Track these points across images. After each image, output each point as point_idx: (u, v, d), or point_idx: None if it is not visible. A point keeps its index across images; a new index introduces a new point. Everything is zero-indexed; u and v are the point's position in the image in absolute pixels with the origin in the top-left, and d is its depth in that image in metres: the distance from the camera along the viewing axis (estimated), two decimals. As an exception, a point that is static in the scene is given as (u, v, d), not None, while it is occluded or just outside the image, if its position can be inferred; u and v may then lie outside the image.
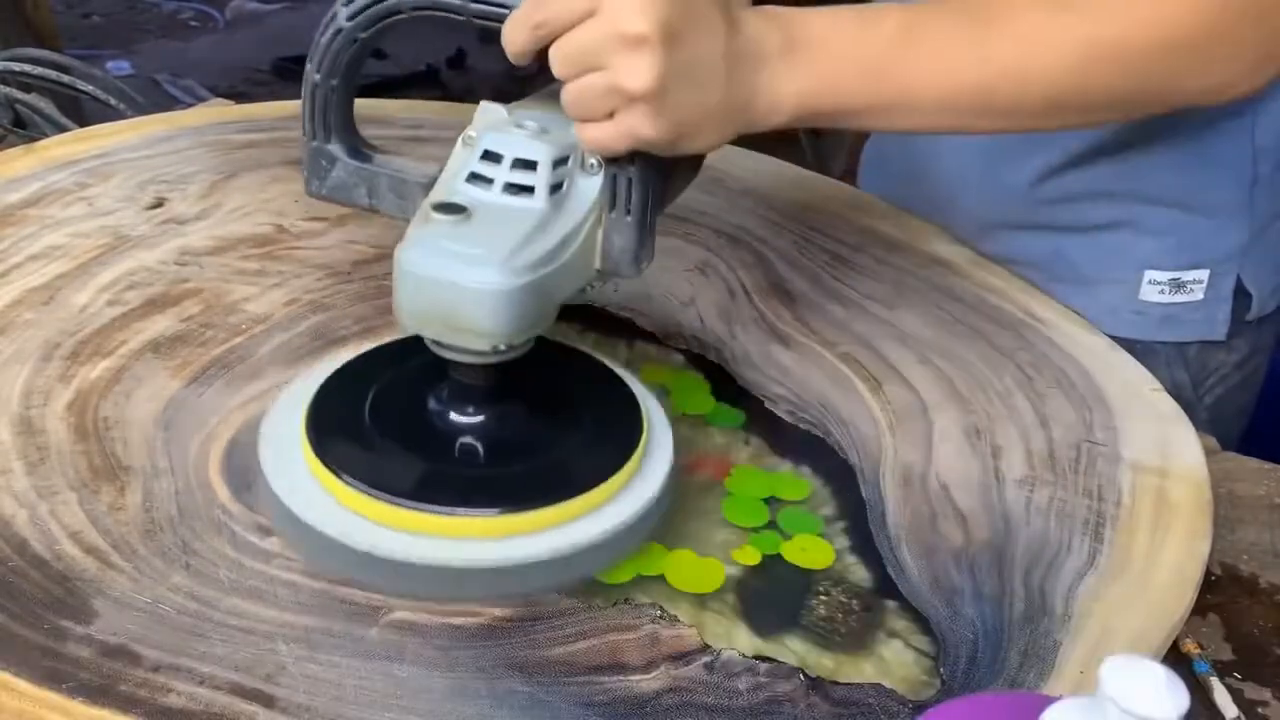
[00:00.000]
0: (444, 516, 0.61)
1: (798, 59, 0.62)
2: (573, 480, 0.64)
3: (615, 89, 0.59)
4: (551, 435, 0.68)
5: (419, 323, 0.61)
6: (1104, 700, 0.35)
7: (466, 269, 0.59)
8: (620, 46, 0.58)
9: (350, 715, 0.55)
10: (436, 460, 0.65)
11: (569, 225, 0.62)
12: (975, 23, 0.65)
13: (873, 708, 0.58)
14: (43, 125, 1.19)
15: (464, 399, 0.66)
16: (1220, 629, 0.70)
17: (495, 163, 0.62)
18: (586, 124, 0.61)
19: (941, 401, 0.81)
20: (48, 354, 0.77)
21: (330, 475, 0.62)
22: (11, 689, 0.54)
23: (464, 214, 0.61)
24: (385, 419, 0.66)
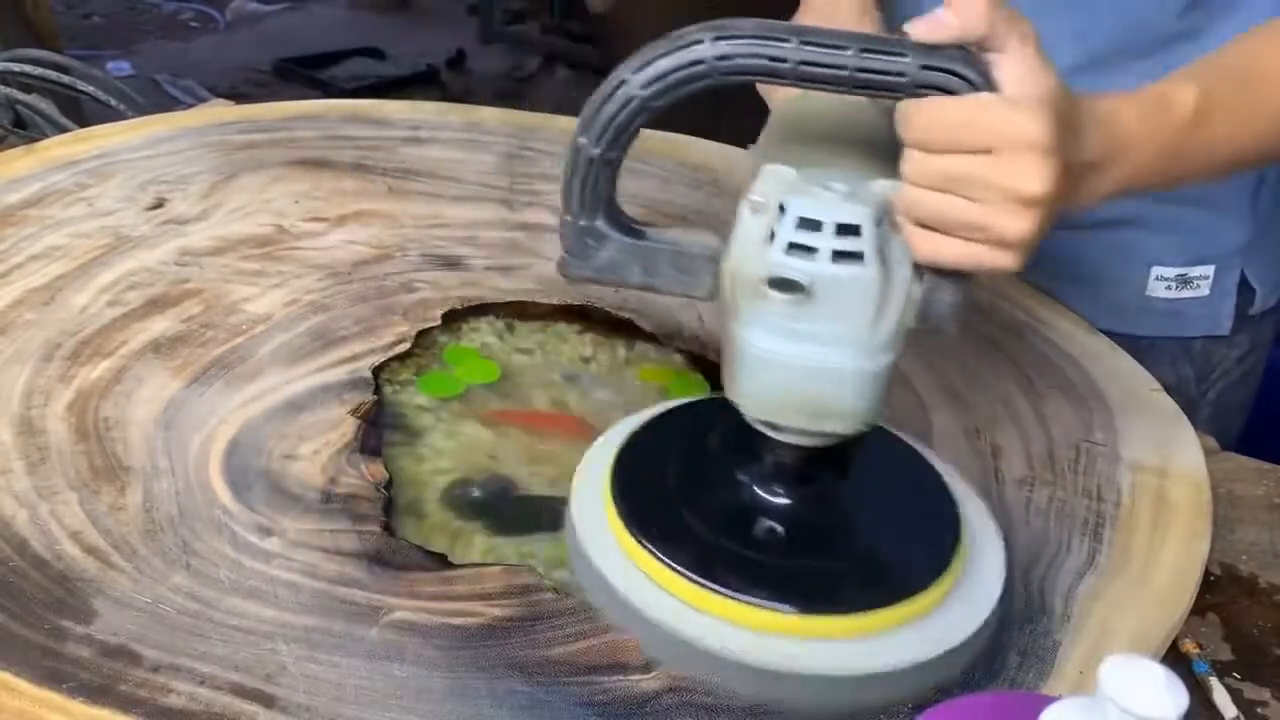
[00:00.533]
0: None
1: (1113, 164, 0.62)
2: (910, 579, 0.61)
3: (985, 228, 0.57)
4: (865, 526, 0.65)
5: (774, 410, 0.59)
6: (1103, 700, 0.35)
7: (828, 351, 0.57)
8: (1008, 199, 0.56)
9: (350, 715, 0.55)
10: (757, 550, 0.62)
11: (901, 290, 0.59)
12: (1248, 90, 0.67)
13: (872, 707, 0.58)
14: (43, 126, 1.19)
15: (779, 478, 0.63)
16: (1219, 629, 0.70)
17: (815, 231, 0.57)
18: (930, 232, 0.58)
19: (941, 401, 0.81)
20: (48, 354, 0.77)
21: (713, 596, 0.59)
22: (11, 689, 0.54)
23: (803, 291, 0.57)
24: (700, 498, 0.64)
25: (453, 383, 0.82)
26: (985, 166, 0.56)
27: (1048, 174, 0.56)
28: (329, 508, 0.67)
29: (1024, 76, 0.56)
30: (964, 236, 0.57)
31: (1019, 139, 0.55)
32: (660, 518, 0.62)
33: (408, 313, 0.85)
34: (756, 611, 0.58)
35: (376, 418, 0.76)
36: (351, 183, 1.02)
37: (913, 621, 0.60)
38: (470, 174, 1.04)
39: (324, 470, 0.70)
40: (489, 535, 0.70)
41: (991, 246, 0.57)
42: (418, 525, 0.70)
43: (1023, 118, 0.55)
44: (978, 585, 0.62)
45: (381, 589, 0.62)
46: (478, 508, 0.72)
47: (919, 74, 0.56)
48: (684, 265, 0.62)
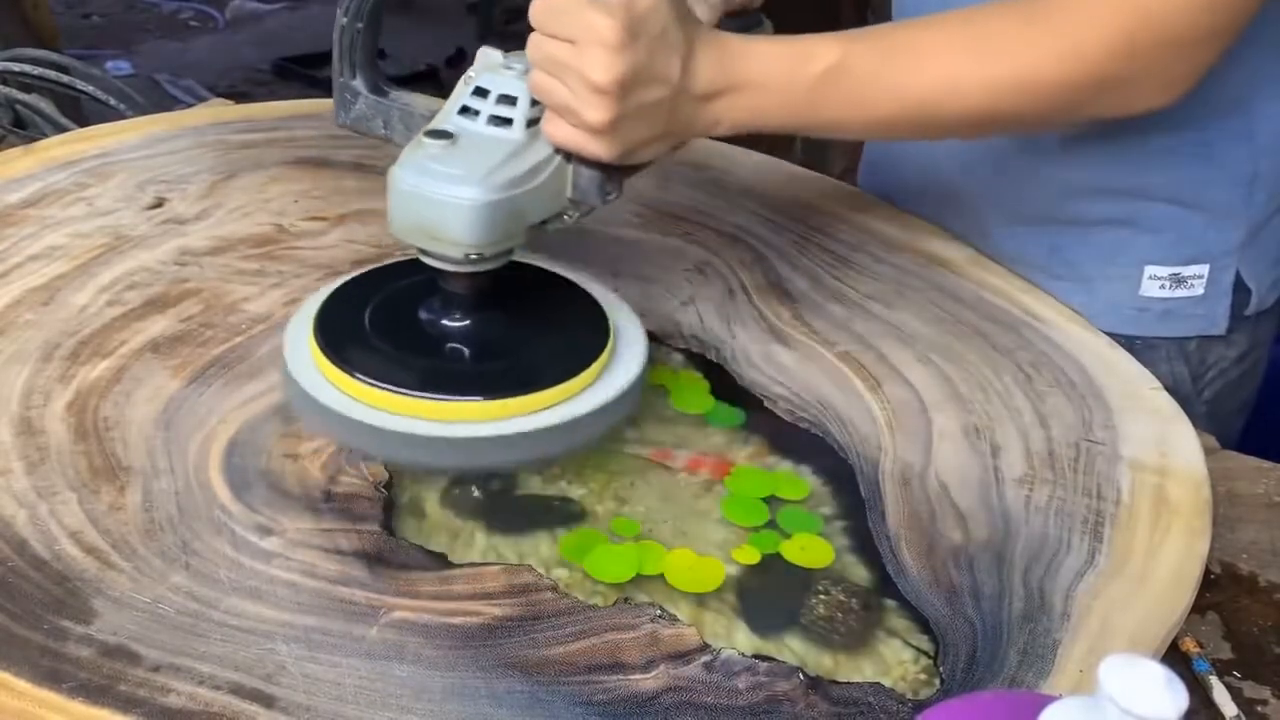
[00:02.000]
0: (439, 402, 0.69)
1: (735, 98, 0.71)
2: (544, 376, 0.71)
3: (573, 112, 0.67)
4: (527, 338, 0.75)
5: (405, 233, 0.69)
6: (1103, 699, 0.35)
7: (447, 185, 0.67)
8: (582, 85, 0.66)
9: (350, 715, 0.55)
10: (433, 358, 0.73)
11: (541, 155, 0.70)
12: (893, 65, 0.73)
13: (872, 707, 0.58)
14: (43, 125, 1.19)
15: (452, 306, 0.74)
16: (1219, 627, 0.70)
17: (482, 98, 0.71)
18: (553, 117, 0.69)
19: (941, 401, 0.81)
20: (48, 354, 0.77)
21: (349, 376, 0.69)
22: (11, 689, 0.54)
23: (450, 139, 0.69)
24: (388, 325, 0.74)
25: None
26: (567, 52, 0.67)
27: (615, 66, 0.65)
28: (329, 507, 0.67)
29: None
30: (567, 121, 0.68)
31: (591, 31, 0.66)
32: (359, 348, 0.72)
33: (407, 312, 0.85)
34: (442, 405, 0.68)
35: (376, 417, 0.76)
36: (351, 182, 1.02)
37: (563, 401, 0.71)
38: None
39: (324, 470, 0.70)
40: (489, 534, 0.70)
41: (580, 130, 0.68)
42: (417, 525, 0.70)
43: (596, 15, 0.65)
44: (619, 369, 0.74)
45: (381, 588, 0.62)
46: (477, 507, 0.72)
47: None
48: (409, 122, 0.76)
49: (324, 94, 0.91)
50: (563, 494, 0.73)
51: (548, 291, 0.79)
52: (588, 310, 0.77)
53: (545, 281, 0.80)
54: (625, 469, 0.76)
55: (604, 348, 0.73)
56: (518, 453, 0.70)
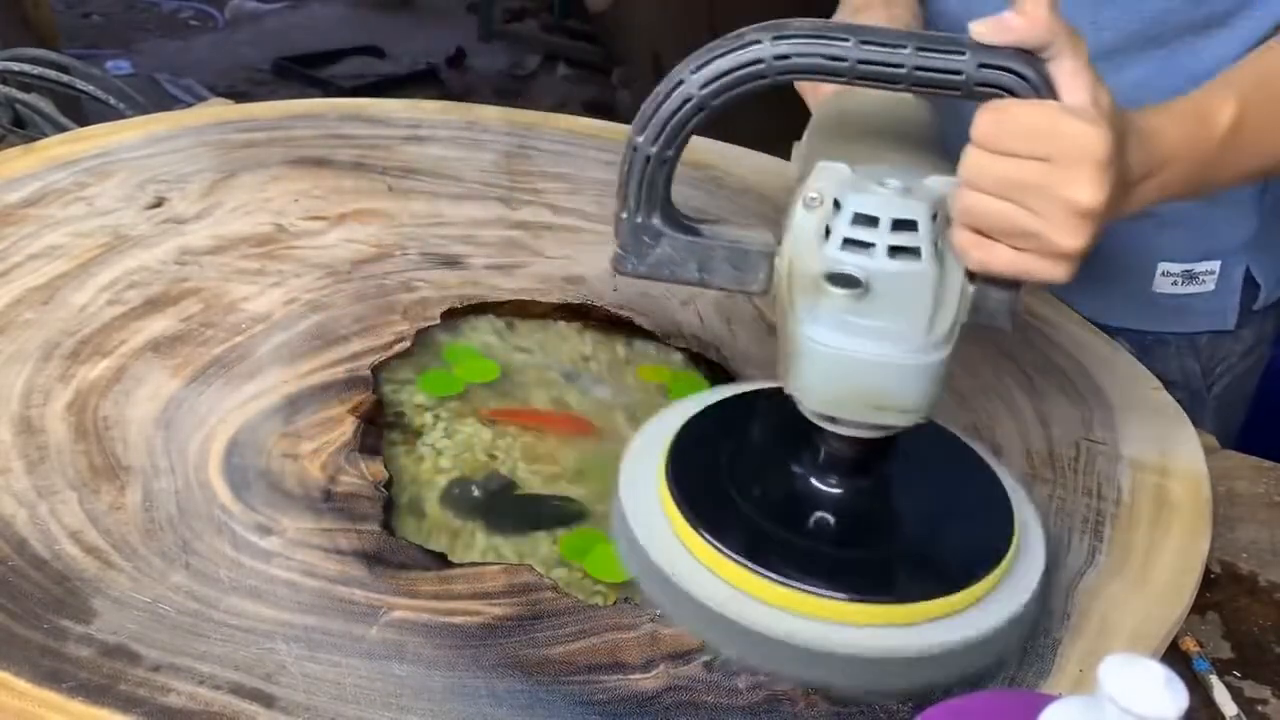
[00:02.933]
0: None
1: (1154, 180, 0.64)
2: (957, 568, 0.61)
3: (1039, 238, 0.57)
4: (921, 516, 0.65)
5: (833, 404, 0.59)
6: (1103, 699, 0.35)
7: (888, 346, 0.57)
8: (1063, 210, 0.57)
9: (350, 714, 0.55)
10: (809, 538, 0.63)
11: (956, 287, 0.60)
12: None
13: (872, 707, 0.58)
14: (43, 125, 1.19)
15: (834, 469, 0.63)
16: (1220, 627, 0.70)
17: (871, 226, 0.58)
18: (984, 241, 0.59)
19: (941, 400, 0.81)
20: (48, 353, 0.77)
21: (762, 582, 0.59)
22: (11, 688, 0.54)
23: (861, 286, 0.57)
24: (753, 486, 0.64)
25: (452, 381, 0.82)
26: (1043, 174, 0.56)
27: (1105, 187, 0.56)
28: (329, 507, 0.67)
29: (1082, 86, 0.57)
30: (1016, 246, 0.58)
31: (1080, 149, 0.56)
32: (715, 506, 0.62)
33: (407, 311, 0.85)
34: (809, 598, 0.58)
35: (376, 417, 0.76)
36: (351, 181, 1.02)
37: (961, 610, 0.60)
38: (470, 172, 1.04)
39: (324, 469, 0.70)
40: (489, 534, 0.70)
41: (1042, 257, 0.58)
42: (417, 524, 0.70)
43: (1085, 127, 0.56)
44: (1019, 579, 0.62)
45: (381, 588, 0.62)
46: (477, 506, 0.72)
47: (976, 73, 0.56)
48: (739, 261, 0.63)
49: (324, 94, 0.91)
50: (563, 494, 0.73)
51: (935, 454, 0.69)
52: (985, 485, 0.67)
53: (933, 442, 0.68)
54: (625, 468, 0.76)
55: (1009, 543, 0.62)
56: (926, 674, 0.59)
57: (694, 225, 0.64)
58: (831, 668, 0.58)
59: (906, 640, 0.58)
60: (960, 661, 0.59)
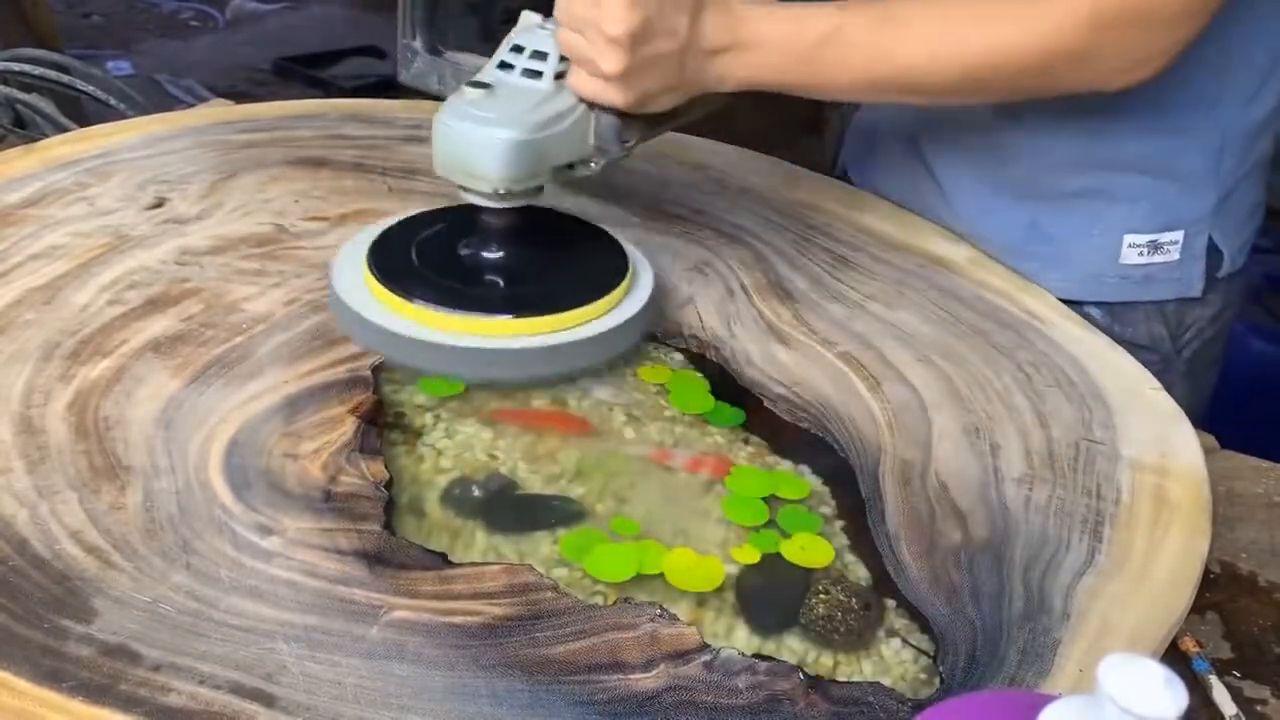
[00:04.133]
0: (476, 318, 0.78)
1: (741, 55, 0.79)
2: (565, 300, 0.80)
3: (591, 62, 0.77)
4: (553, 268, 0.84)
5: (446, 170, 0.79)
6: (1103, 699, 0.35)
7: (482, 127, 0.76)
8: (599, 37, 0.75)
9: (350, 714, 0.55)
10: (471, 283, 0.81)
11: (567, 103, 0.79)
12: (881, 34, 0.80)
13: (872, 706, 0.58)
14: (43, 125, 1.19)
15: (489, 239, 0.83)
16: (1219, 627, 0.70)
17: (518, 54, 0.80)
18: (575, 70, 0.78)
19: (940, 400, 0.81)
20: (48, 353, 0.77)
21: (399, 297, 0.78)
22: (12, 688, 0.54)
23: (489, 89, 0.78)
24: (431, 257, 0.83)
25: (452, 382, 0.82)
26: (587, 8, 0.75)
27: (627, 19, 0.74)
28: (329, 507, 0.67)
29: None
30: (586, 70, 0.77)
31: None
32: (407, 276, 0.80)
33: (407, 312, 0.85)
34: (476, 320, 0.77)
35: (376, 417, 0.76)
36: (351, 182, 1.02)
37: (594, 318, 0.80)
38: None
39: (324, 469, 0.70)
40: (489, 534, 0.70)
41: (596, 78, 0.77)
42: (418, 524, 0.70)
43: None
44: (634, 297, 0.83)
45: (381, 588, 0.62)
46: (478, 506, 0.72)
47: None
48: (461, 77, 0.86)
49: (324, 94, 0.93)
50: (563, 494, 0.73)
51: (574, 232, 0.89)
52: (610, 250, 0.86)
53: (572, 225, 0.90)
54: (625, 469, 0.76)
55: (622, 280, 0.82)
56: (540, 366, 0.79)
57: (440, 50, 0.94)
58: (492, 362, 0.78)
59: (543, 341, 0.78)
60: (582, 352, 0.80)
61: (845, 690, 0.59)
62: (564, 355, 0.79)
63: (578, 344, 0.79)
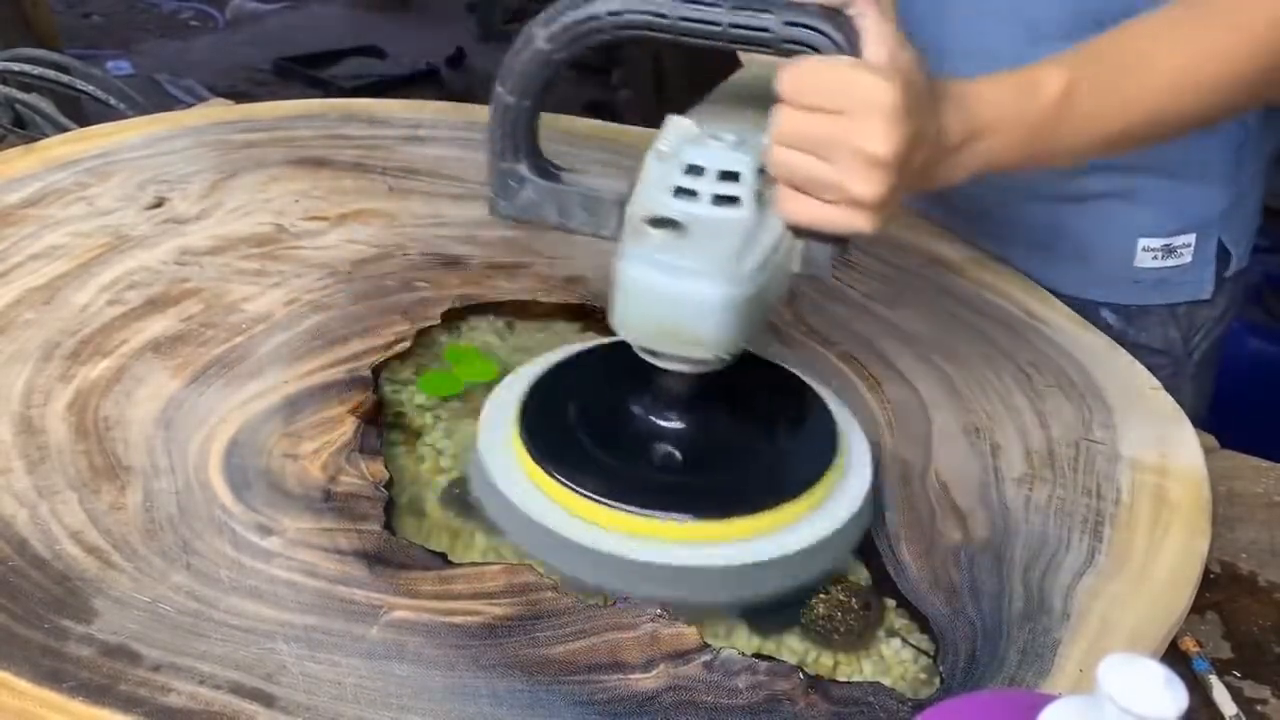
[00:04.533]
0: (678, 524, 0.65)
1: (975, 147, 0.66)
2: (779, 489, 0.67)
3: (840, 189, 0.61)
4: (753, 443, 0.71)
5: (642, 335, 0.64)
6: (1103, 699, 0.35)
7: (690, 282, 0.61)
8: (857, 160, 0.60)
9: (350, 714, 0.55)
10: (651, 467, 0.68)
11: (775, 232, 0.64)
12: (1117, 82, 0.70)
13: (872, 706, 0.58)
14: (43, 125, 1.19)
15: (670, 405, 0.69)
16: (1219, 627, 0.70)
17: (699, 176, 0.64)
18: (795, 195, 0.63)
19: (941, 400, 0.81)
20: (48, 353, 0.77)
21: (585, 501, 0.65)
22: (12, 688, 0.54)
23: (678, 228, 0.62)
24: (596, 427, 0.70)
25: (453, 381, 0.82)
26: (838, 126, 0.60)
27: (894, 137, 0.60)
28: (329, 507, 0.67)
29: (880, 43, 0.61)
30: (821, 198, 0.62)
31: (869, 101, 0.59)
32: (565, 450, 0.68)
33: (407, 312, 0.85)
34: (656, 523, 0.64)
35: (376, 417, 0.76)
36: (351, 182, 1.02)
37: (796, 520, 0.66)
38: (470, 173, 1.04)
39: (324, 469, 0.70)
40: (489, 534, 0.70)
41: (845, 207, 0.62)
42: (418, 524, 0.70)
43: (876, 80, 0.60)
44: (849, 488, 0.69)
45: (381, 588, 0.62)
46: (478, 506, 0.72)
47: (783, 29, 0.62)
48: (593, 207, 0.69)
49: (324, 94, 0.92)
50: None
51: (765, 384, 0.75)
52: (811, 409, 0.74)
53: (758, 371, 0.75)
54: (625, 468, 0.76)
55: (831, 459, 0.69)
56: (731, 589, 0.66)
57: (555, 172, 0.70)
58: (677, 582, 0.64)
59: (733, 553, 0.64)
60: (790, 569, 0.65)
61: (845, 690, 0.59)
62: (763, 574, 0.65)
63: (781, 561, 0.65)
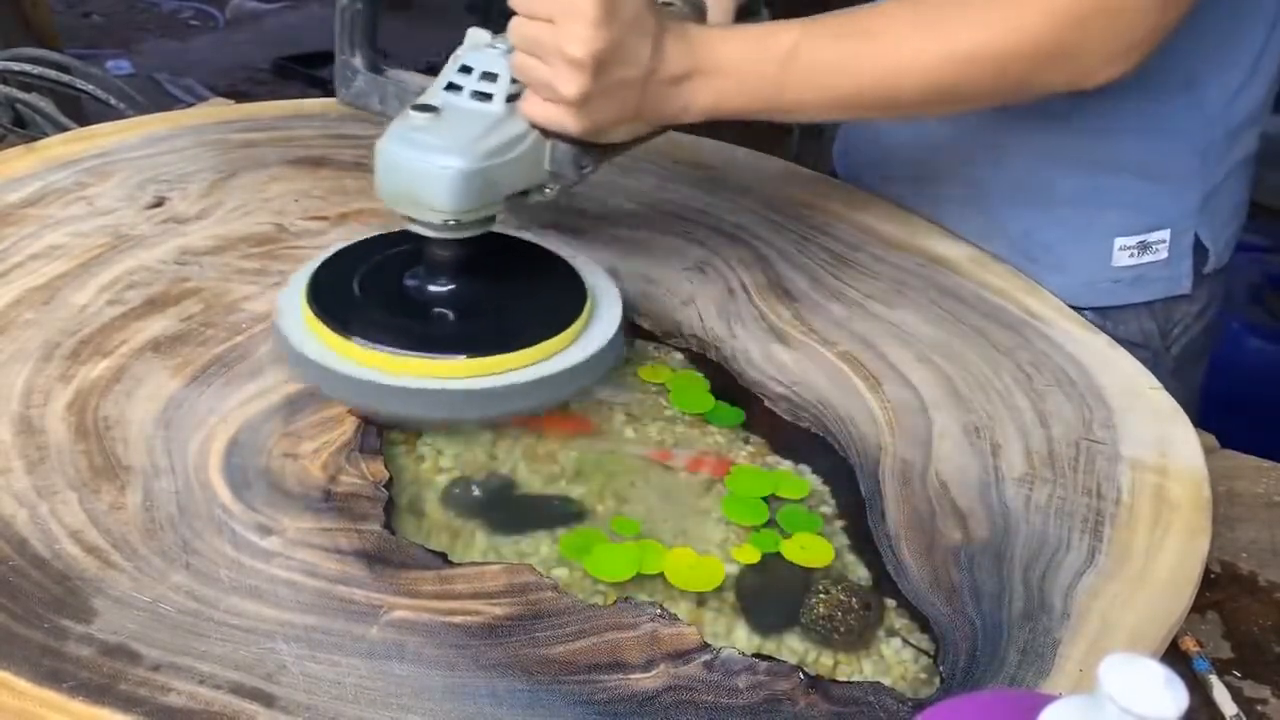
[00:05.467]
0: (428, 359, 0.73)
1: (703, 82, 0.76)
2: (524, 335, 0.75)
3: (550, 88, 0.72)
4: (507, 302, 0.80)
5: (391, 199, 0.74)
6: (1103, 699, 0.35)
7: (429, 154, 0.72)
8: (559, 59, 0.71)
9: (350, 714, 0.55)
10: (421, 320, 0.77)
11: (520, 129, 0.75)
12: (852, 42, 0.77)
13: (872, 706, 0.58)
14: (43, 125, 1.19)
15: (437, 272, 0.78)
16: (1219, 627, 0.70)
17: (466, 74, 0.76)
18: (530, 95, 0.74)
19: (941, 400, 0.81)
20: (48, 353, 0.77)
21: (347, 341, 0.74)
22: (11, 688, 0.54)
23: (435, 112, 0.73)
24: (377, 290, 0.79)
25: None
26: (546, 30, 0.71)
27: (591, 40, 0.70)
28: (329, 507, 0.67)
29: None
30: (543, 96, 0.73)
31: (570, 9, 0.70)
32: (352, 311, 0.76)
33: (407, 311, 0.85)
34: (431, 362, 0.73)
35: (376, 416, 0.76)
36: (351, 181, 1.02)
37: (551, 356, 0.76)
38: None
39: (324, 469, 0.70)
40: (489, 534, 0.70)
41: (556, 104, 0.73)
42: (418, 524, 0.70)
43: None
44: (597, 329, 0.79)
45: (381, 588, 0.62)
46: (478, 506, 0.72)
47: None
48: (405, 99, 0.79)
49: (324, 94, 0.92)
50: (563, 494, 0.73)
51: (528, 260, 0.84)
52: (566, 276, 0.82)
53: (525, 251, 0.85)
54: (625, 469, 0.76)
55: (580, 311, 0.78)
56: (499, 406, 0.74)
57: (382, 69, 0.84)
58: (441, 403, 0.73)
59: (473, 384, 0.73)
60: (537, 393, 0.75)
61: (845, 690, 0.59)
62: (518, 395, 0.74)
63: (533, 383, 0.74)
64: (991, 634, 0.63)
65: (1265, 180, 1.01)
